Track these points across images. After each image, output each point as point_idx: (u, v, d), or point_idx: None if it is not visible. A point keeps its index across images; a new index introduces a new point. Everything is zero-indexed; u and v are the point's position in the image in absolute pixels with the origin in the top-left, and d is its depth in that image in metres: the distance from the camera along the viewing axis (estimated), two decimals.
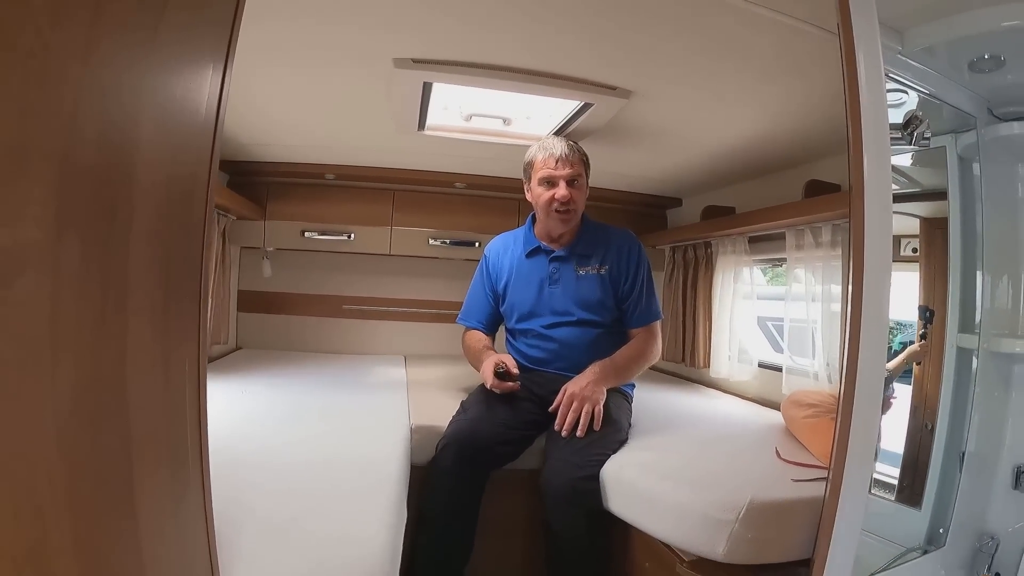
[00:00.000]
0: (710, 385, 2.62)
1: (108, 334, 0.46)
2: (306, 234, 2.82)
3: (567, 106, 1.86)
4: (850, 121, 0.94)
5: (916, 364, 1.75)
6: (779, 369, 2.21)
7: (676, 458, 1.53)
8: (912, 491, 1.69)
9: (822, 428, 1.55)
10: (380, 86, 1.73)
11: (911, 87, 1.42)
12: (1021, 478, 1.57)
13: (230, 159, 2.57)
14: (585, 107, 1.81)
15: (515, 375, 1.69)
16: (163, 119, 0.50)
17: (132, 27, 0.44)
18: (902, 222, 1.79)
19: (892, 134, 1.20)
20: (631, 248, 1.84)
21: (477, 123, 2.09)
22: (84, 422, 0.44)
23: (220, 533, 0.73)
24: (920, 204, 1.80)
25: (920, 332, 1.71)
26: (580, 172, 1.77)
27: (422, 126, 2.05)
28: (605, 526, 1.46)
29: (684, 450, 1.60)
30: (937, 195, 1.68)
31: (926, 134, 1.27)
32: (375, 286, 3.09)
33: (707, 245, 2.63)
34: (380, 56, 1.54)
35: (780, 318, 2.32)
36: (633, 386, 1.88)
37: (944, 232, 1.62)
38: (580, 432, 1.54)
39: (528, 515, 1.62)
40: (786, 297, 2.23)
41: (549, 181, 1.76)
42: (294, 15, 1.32)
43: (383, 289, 3.10)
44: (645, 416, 1.83)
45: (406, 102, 1.83)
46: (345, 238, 2.85)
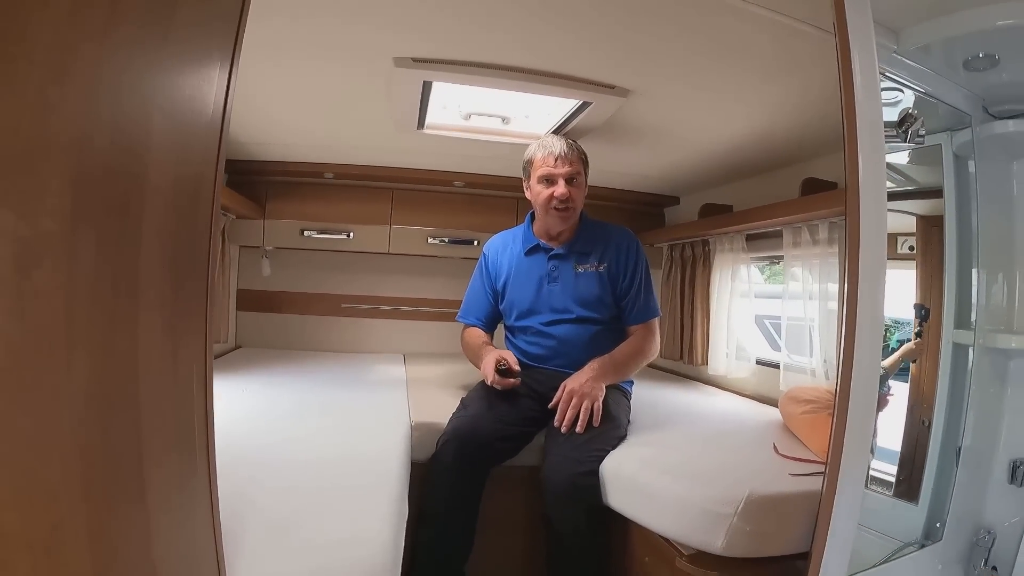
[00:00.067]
0: (708, 382, 2.62)
1: (120, 326, 0.47)
2: (305, 233, 2.82)
3: (566, 105, 1.86)
4: (845, 119, 0.95)
5: (912, 362, 1.76)
6: (777, 366, 2.22)
7: (675, 454, 1.53)
8: (909, 487, 1.70)
9: (819, 424, 1.56)
10: (380, 85, 1.73)
11: (907, 86, 1.43)
12: (1017, 472, 1.58)
13: (229, 158, 2.50)
14: (583, 106, 1.81)
15: (516, 371, 1.71)
16: (173, 117, 0.51)
17: (145, 25, 0.45)
18: (899, 220, 1.80)
19: (887, 132, 1.22)
20: (629, 246, 1.85)
21: (476, 122, 2.09)
22: (97, 411, 0.45)
23: (223, 527, 0.73)
24: (917, 202, 1.81)
25: (916, 330, 1.72)
26: (579, 170, 1.78)
27: (421, 125, 2.05)
28: (605, 521, 1.47)
29: (683, 446, 1.61)
30: (933, 193, 1.68)
31: (920, 132, 1.28)
32: (374, 285, 3.09)
33: (705, 243, 2.63)
34: (380, 55, 1.54)
35: (778, 316, 2.33)
36: (632, 383, 1.89)
37: (940, 229, 1.63)
38: (579, 428, 1.55)
39: (528, 511, 1.62)
40: (783, 295, 2.24)
41: (548, 179, 1.77)
42: (294, 13, 1.32)
43: (382, 288, 3.10)
44: (644, 413, 1.84)
45: (406, 101, 1.84)
46: (344, 237, 2.84)
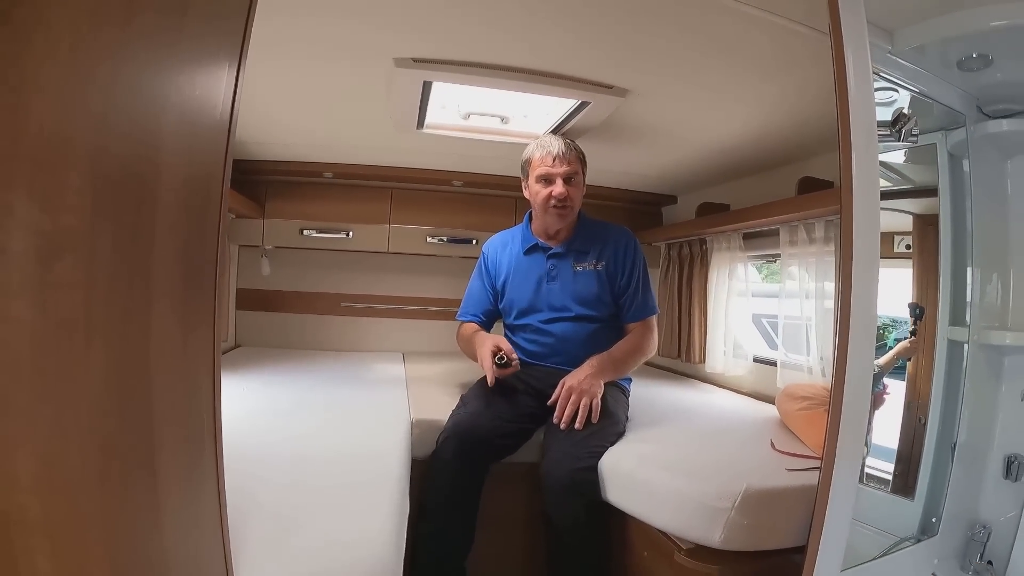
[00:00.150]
0: (705, 380, 2.64)
1: (135, 319, 0.48)
2: (304, 232, 2.82)
3: (564, 104, 1.87)
4: (840, 119, 0.97)
5: (907, 360, 1.77)
6: (774, 364, 2.23)
7: (673, 450, 1.55)
8: (906, 482, 1.72)
9: (816, 419, 1.58)
10: (380, 85, 1.73)
11: (901, 86, 1.44)
12: (1012, 467, 1.60)
13: None
14: (582, 106, 1.82)
15: (514, 359, 1.70)
16: (185, 116, 0.52)
17: (159, 25, 0.47)
18: (896, 219, 1.81)
19: (881, 131, 1.23)
20: (627, 244, 1.86)
21: (475, 121, 2.10)
22: (113, 401, 0.46)
23: (229, 521, 0.74)
24: (913, 201, 1.82)
25: (911, 329, 1.73)
26: (577, 170, 1.79)
27: (421, 125, 2.06)
28: (604, 516, 1.48)
29: (681, 442, 1.63)
30: (929, 192, 1.69)
31: (914, 131, 1.29)
32: (373, 284, 3.10)
33: (702, 242, 2.65)
34: (380, 55, 1.55)
35: (775, 315, 2.34)
36: (630, 380, 1.90)
37: (936, 228, 1.65)
38: (578, 425, 1.56)
39: (528, 507, 1.63)
40: (780, 294, 2.26)
41: (546, 179, 1.78)
42: (295, 13, 1.32)
43: (381, 287, 3.11)
44: (642, 410, 1.85)
45: (406, 101, 1.84)
46: (343, 236, 2.85)
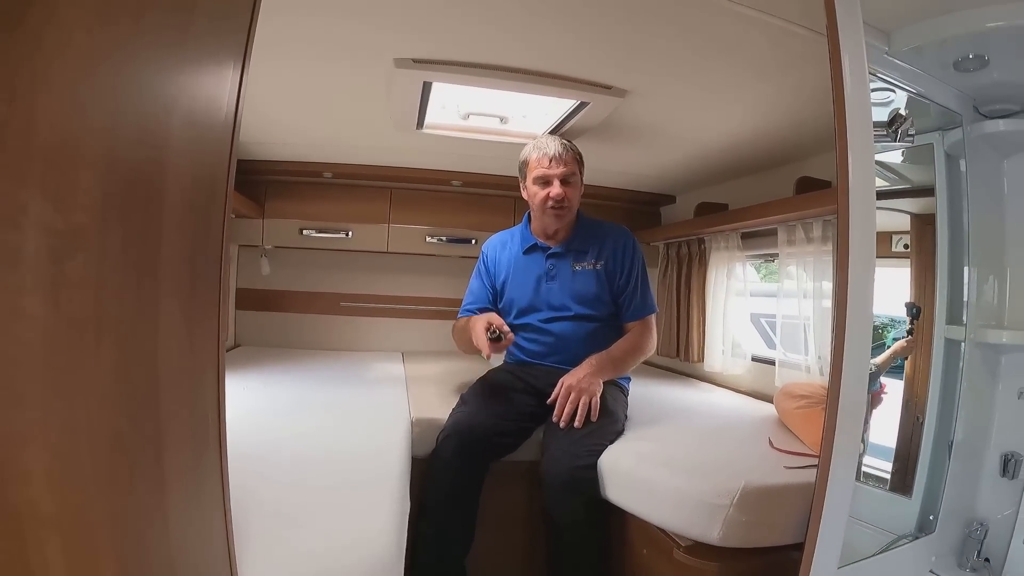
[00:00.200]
0: (704, 379, 2.64)
1: (143, 316, 0.49)
2: (304, 232, 2.83)
3: (563, 105, 1.88)
4: (836, 120, 0.98)
5: (904, 359, 1.78)
6: (772, 363, 2.24)
7: (672, 448, 1.55)
8: (904, 481, 1.72)
9: (814, 418, 1.58)
10: (380, 85, 1.74)
11: (898, 86, 1.45)
12: (1008, 465, 1.61)
13: None
14: (581, 106, 1.83)
15: (507, 331, 1.68)
16: (191, 117, 0.53)
17: (167, 26, 0.47)
18: (894, 218, 1.82)
19: (877, 132, 1.24)
20: (626, 244, 1.87)
21: (474, 121, 2.11)
22: (122, 397, 0.47)
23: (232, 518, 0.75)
24: (911, 200, 1.83)
25: (907, 328, 1.74)
26: (574, 170, 1.80)
27: (421, 125, 2.07)
28: (603, 514, 1.49)
29: (680, 440, 1.63)
30: (927, 191, 1.70)
31: (910, 131, 1.30)
32: (373, 283, 3.11)
33: (700, 241, 2.66)
34: (380, 55, 1.55)
35: (773, 315, 2.35)
36: (629, 379, 1.91)
37: (934, 227, 1.65)
38: (578, 423, 1.57)
39: (528, 506, 1.64)
40: (778, 294, 2.26)
41: (544, 180, 1.79)
42: (295, 13, 1.32)
43: (381, 286, 3.12)
44: (641, 409, 1.86)
45: (406, 101, 1.85)
46: (343, 236, 2.86)
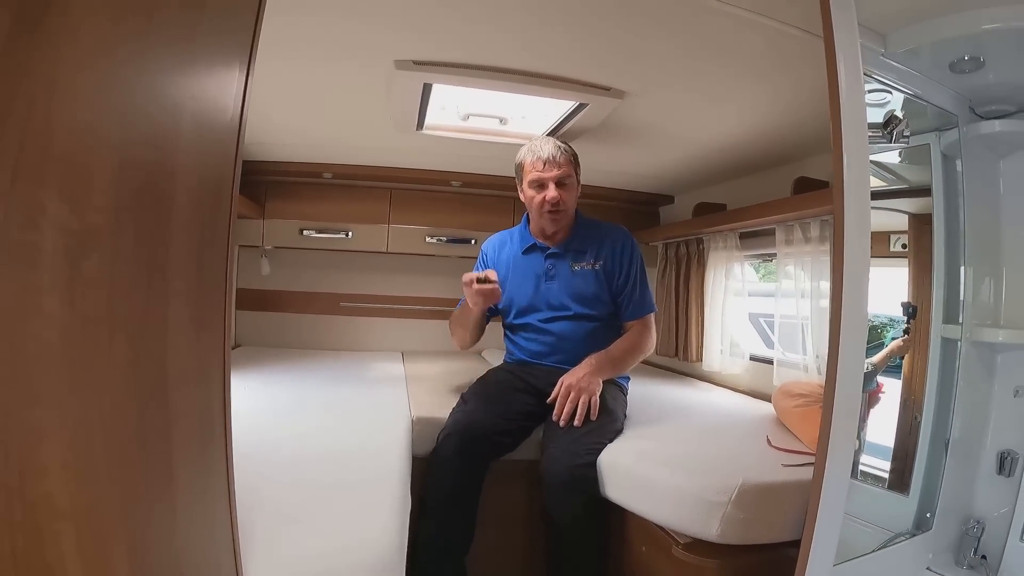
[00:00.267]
0: (703, 378, 2.66)
1: (153, 314, 0.50)
2: (304, 232, 2.84)
3: (562, 106, 1.89)
4: (832, 121, 0.99)
5: (900, 359, 1.79)
6: (770, 362, 2.25)
7: (671, 446, 1.56)
8: (902, 479, 1.73)
9: (811, 416, 1.59)
10: (380, 86, 1.75)
11: (895, 87, 1.46)
12: (1005, 463, 1.61)
13: None
14: (580, 107, 1.84)
15: (492, 278, 1.70)
16: (199, 118, 0.54)
17: (176, 29, 0.48)
18: (892, 218, 1.83)
19: (873, 133, 1.25)
20: (624, 243, 1.88)
21: (474, 123, 2.12)
22: (133, 394, 0.48)
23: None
24: (909, 200, 1.84)
25: (903, 327, 1.75)
26: (569, 172, 1.79)
27: (421, 126, 2.08)
28: (603, 512, 1.50)
29: (678, 439, 1.64)
30: (924, 191, 1.71)
31: (905, 132, 1.31)
32: (373, 283, 3.12)
33: (699, 241, 2.67)
34: (381, 57, 1.56)
35: (771, 314, 2.36)
36: (628, 378, 1.92)
37: (931, 227, 1.67)
38: (577, 422, 1.58)
39: (527, 504, 1.65)
40: (776, 293, 2.27)
41: (538, 183, 1.79)
42: (296, 13, 1.33)
43: (380, 286, 3.13)
44: (640, 408, 1.87)
45: (406, 102, 1.86)
46: (343, 236, 2.87)
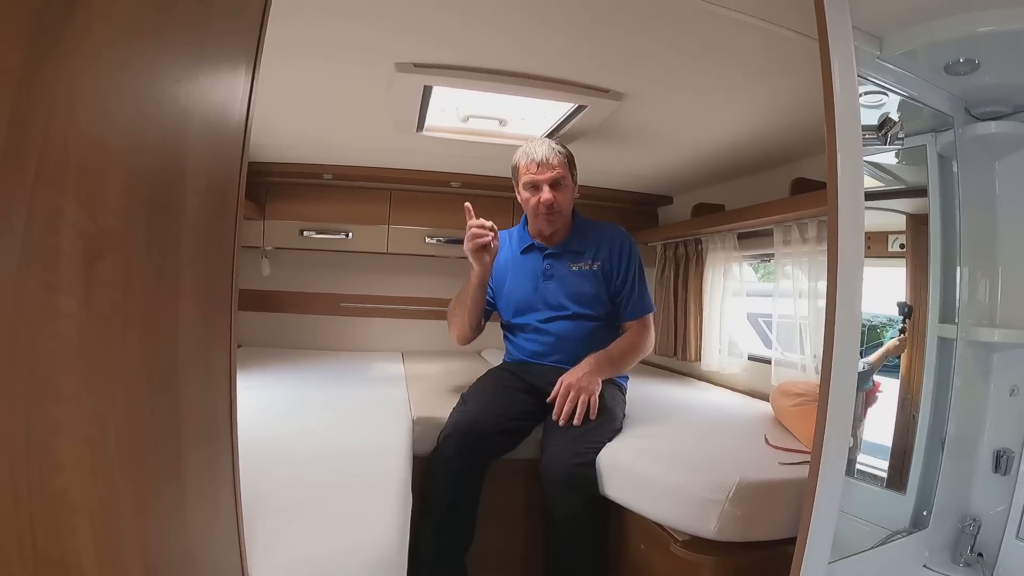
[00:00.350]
0: (701, 378, 2.67)
1: (163, 314, 0.51)
2: (304, 233, 2.85)
3: (561, 108, 1.90)
4: (826, 123, 1.00)
5: (896, 358, 1.80)
6: (768, 362, 2.26)
7: (669, 445, 1.58)
8: (899, 478, 1.75)
9: (808, 415, 1.60)
10: (380, 88, 1.75)
11: (890, 90, 1.47)
12: (1001, 462, 1.63)
13: None
14: (579, 109, 1.84)
15: (491, 225, 1.72)
16: (207, 122, 0.55)
17: (187, 34, 0.49)
18: (890, 218, 1.84)
19: (868, 135, 1.26)
20: (622, 243, 1.88)
21: (474, 124, 2.13)
22: (146, 392, 0.49)
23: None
24: (906, 201, 1.85)
25: (899, 327, 1.76)
26: (563, 174, 1.80)
27: (421, 127, 2.08)
28: (602, 511, 1.51)
29: (677, 438, 1.66)
30: (921, 192, 1.72)
31: (900, 135, 1.33)
32: (372, 284, 3.13)
33: (698, 242, 2.68)
34: (381, 59, 1.57)
35: (769, 314, 2.37)
36: (627, 378, 1.93)
37: (928, 228, 1.68)
38: (577, 421, 1.59)
39: (527, 503, 1.67)
40: (774, 293, 2.29)
41: (533, 185, 1.80)
42: (296, 16, 1.33)
43: (380, 287, 3.14)
44: (639, 407, 1.88)
45: (406, 104, 1.86)
46: (343, 237, 2.88)
